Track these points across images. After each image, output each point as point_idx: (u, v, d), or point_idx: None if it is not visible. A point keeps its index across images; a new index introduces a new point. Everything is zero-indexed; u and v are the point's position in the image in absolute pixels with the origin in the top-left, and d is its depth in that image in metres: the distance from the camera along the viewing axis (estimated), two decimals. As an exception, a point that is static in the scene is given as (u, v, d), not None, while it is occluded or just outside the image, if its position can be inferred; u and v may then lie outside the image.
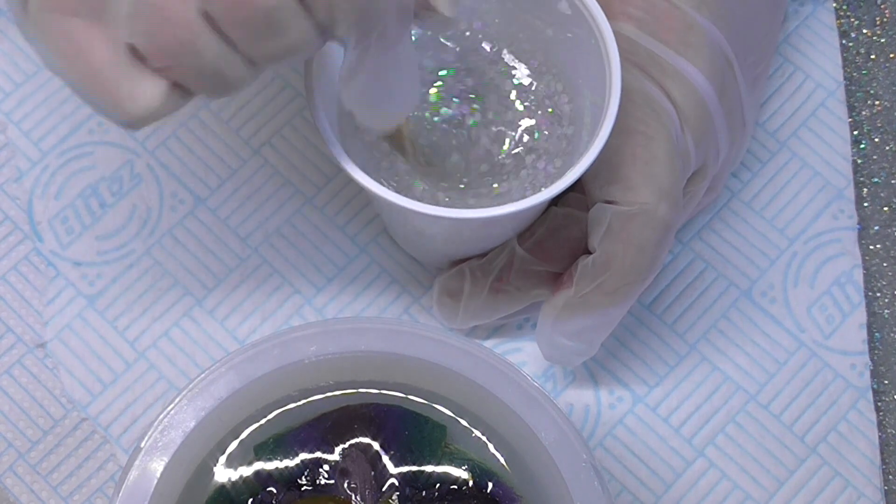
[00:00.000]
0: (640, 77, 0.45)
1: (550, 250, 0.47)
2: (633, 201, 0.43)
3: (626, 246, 0.44)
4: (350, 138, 0.46)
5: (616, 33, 0.43)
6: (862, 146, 0.54)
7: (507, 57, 0.48)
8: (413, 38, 0.47)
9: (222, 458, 0.40)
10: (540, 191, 0.42)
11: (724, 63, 0.47)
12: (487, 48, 0.48)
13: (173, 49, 0.34)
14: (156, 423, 0.39)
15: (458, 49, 0.48)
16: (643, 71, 0.45)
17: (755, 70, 0.49)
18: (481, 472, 0.40)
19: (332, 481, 0.40)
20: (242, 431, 0.40)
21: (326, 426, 0.40)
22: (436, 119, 0.47)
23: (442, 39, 0.48)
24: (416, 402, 0.41)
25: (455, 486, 0.40)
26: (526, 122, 0.47)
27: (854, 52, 0.55)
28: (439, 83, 0.48)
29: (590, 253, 0.45)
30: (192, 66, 0.35)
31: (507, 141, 0.47)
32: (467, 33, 0.48)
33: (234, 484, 0.39)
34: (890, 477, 0.50)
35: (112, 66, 0.35)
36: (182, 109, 0.52)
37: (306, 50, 0.36)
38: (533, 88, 0.48)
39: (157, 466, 0.38)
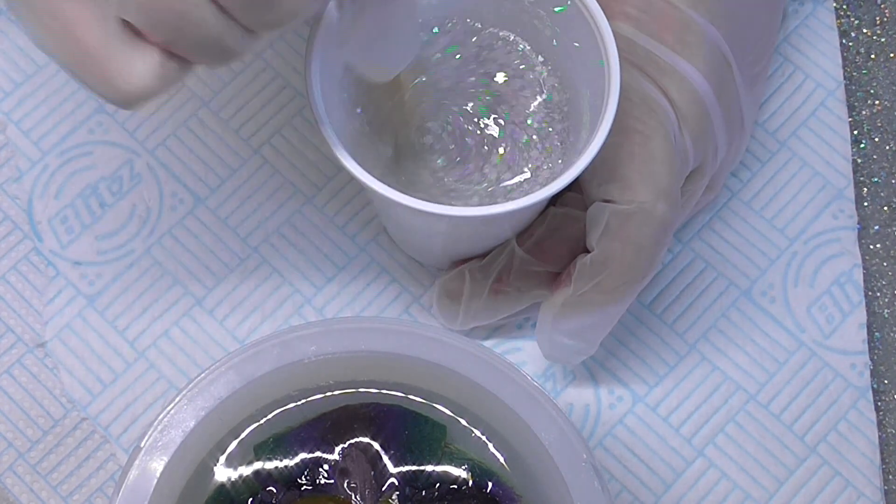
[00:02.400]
0: (638, 76, 0.45)
1: (550, 250, 0.46)
2: (631, 200, 0.43)
3: (624, 244, 0.44)
4: (355, 139, 0.46)
5: (614, 33, 0.43)
6: (862, 146, 0.54)
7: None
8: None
9: (222, 458, 0.40)
10: (539, 189, 0.42)
11: (721, 62, 0.47)
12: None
13: (170, 21, 0.33)
14: (156, 423, 0.39)
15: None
16: (641, 70, 0.45)
17: (754, 69, 0.49)
18: (481, 472, 0.40)
19: (332, 481, 0.40)
20: (242, 431, 0.40)
21: (326, 426, 0.40)
22: (430, 124, 0.47)
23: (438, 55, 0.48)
24: (416, 401, 0.41)
25: (455, 486, 0.40)
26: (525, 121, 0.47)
27: (854, 51, 0.55)
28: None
29: (588, 252, 0.45)
30: (190, 37, 0.34)
31: (507, 140, 0.47)
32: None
33: (234, 484, 0.39)
34: (890, 477, 0.50)
35: (102, 44, 0.34)
36: (182, 109, 0.53)
37: (305, 12, 0.35)
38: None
39: (157, 466, 0.38)
